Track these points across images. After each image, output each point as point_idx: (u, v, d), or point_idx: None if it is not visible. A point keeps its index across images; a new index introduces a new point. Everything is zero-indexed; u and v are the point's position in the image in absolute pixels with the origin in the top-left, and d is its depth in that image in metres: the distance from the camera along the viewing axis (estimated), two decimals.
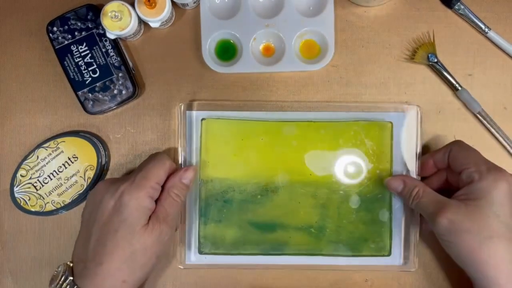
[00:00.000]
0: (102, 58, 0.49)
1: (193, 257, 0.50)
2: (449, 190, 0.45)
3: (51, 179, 0.49)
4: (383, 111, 0.50)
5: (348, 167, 0.50)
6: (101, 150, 0.50)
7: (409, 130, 0.49)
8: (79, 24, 0.49)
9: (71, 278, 0.42)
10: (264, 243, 0.49)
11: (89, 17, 0.49)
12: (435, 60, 0.50)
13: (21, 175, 0.49)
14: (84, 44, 0.49)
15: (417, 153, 0.49)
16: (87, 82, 0.49)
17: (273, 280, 0.51)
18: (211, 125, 0.50)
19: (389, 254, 0.49)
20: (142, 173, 0.44)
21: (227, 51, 0.51)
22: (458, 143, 0.46)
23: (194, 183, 0.49)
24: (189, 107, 0.50)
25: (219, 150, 0.50)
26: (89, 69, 0.49)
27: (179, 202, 0.46)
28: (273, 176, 0.50)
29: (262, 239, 0.49)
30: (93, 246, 0.42)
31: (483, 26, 0.50)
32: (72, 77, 0.49)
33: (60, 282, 0.41)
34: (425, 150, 0.50)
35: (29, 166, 0.49)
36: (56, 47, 0.49)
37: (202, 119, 0.50)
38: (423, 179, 0.49)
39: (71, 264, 0.43)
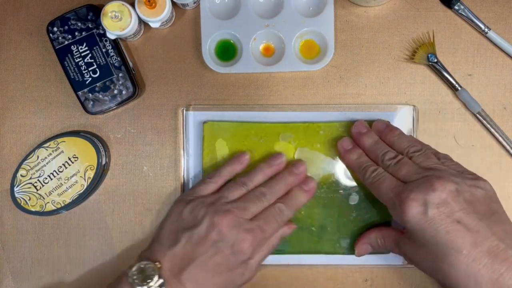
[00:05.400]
0: (102, 58, 0.49)
1: None
2: None
3: (51, 179, 0.49)
4: (380, 111, 0.50)
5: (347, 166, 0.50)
6: (101, 150, 0.50)
7: (405, 130, 0.49)
8: (79, 24, 0.49)
9: (162, 281, 0.41)
10: None
11: (89, 17, 0.49)
12: (435, 60, 0.50)
13: (21, 175, 0.49)
14: (84, 44, 0.49)
15: None
16: (87, 82, 0.49)
17: (274, 279, 0.51)
18: (213, 128, 0.50)
19: (389, 251, 0.49)
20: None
21: (227, 51, 0.51)
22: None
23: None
24: (191, 111, 0.50)
25: (221, 152, 0.50)
26: (89, 69, 0.49)
27: None
28: None
29: None
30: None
31: (483, 26, 0.50)
32: (72, 77, 0.49)
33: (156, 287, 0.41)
34: None
35: (29, 166, 0.49)
36: (56, 47, 0.49)
37: (204, 122, 0.50)
38: None
39: (159, 265, 0.42)
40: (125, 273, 0.42)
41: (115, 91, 0.49)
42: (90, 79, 0.49)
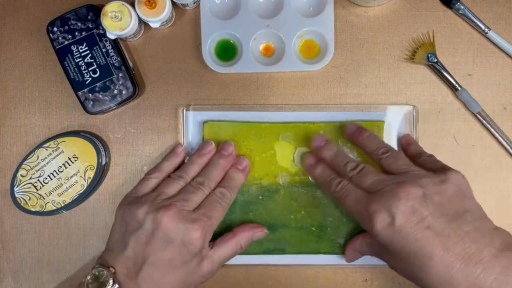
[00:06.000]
0: (102, 58, 0.49)
1: None
2: None
3: (51, 179, 0.49)
4: (380, 111, 0.50)
5: None
6: (101, 150, 0.50)
7: (404, 130, 0.49)
8: (79, 24, 0.49)
9: (118, 285, 0.41)
10: (266, 243, 0.50)
11: (89, 17, 0.49)
12: (435, 60, 0.50)
13: (21, 175, 0.49)
14: (84, 44, 0.49)
15: None
16: (87, 82, 0.49)
17: (274, 279, 0.51)
18: (213, 128, 0.50)
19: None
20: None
21: (227, 51, 0.51)
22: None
23: None
24: (191, 111, 0.50)
25: None
26: (89, 69, 0.49)
27: None
28: (274, 177, 0.50)
29: (264, 239, 0.49)
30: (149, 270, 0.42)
31: (483, 26, 0.50)
32: (72, 77, 0.49)
33: None
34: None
35: (30, 166, 0.49)
36: (56, 47, 0.49)
37: (204, 122, 0.50)
38: None
39: (113, 270, 0.42)
40: (82, 283, 0.42)
41: (115, 91, 0.49)
42: (90, 79, 0.49)
